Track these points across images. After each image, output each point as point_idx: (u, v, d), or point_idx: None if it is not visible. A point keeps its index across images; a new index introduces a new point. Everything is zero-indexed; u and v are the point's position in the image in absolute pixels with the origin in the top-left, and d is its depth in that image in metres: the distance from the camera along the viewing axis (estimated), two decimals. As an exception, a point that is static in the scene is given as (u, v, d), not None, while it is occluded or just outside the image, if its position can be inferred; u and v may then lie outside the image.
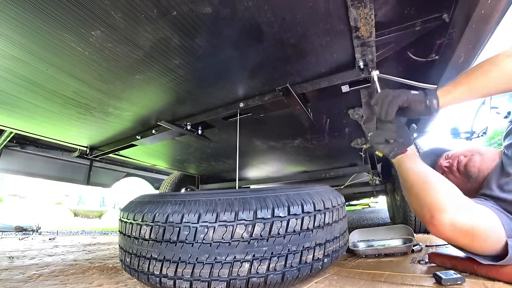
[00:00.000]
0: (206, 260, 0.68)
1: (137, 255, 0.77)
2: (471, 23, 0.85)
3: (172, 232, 0.71)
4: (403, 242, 1.40)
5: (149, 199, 0.85)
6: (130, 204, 0.90)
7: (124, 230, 0.84)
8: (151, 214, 0.75)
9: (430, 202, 0.78)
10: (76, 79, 1.09)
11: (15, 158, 2.84)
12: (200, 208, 0.72)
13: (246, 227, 0.70)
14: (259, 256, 0.70)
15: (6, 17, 0.75)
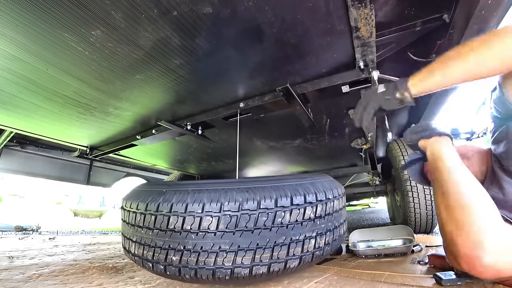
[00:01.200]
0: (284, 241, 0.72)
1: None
2: (471, 24, 0.85)
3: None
4: (403, 243, 1.39)
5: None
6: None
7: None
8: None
9: (470, 230, 0.61)
10: (76, 78, 1.09)
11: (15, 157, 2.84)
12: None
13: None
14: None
15: (7, 17, 0.75)
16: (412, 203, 1.98)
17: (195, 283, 0.85)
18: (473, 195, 0.66)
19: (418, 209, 1.98)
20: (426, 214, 1.98)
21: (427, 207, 1.97)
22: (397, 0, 0.94)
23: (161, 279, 0.96)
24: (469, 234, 0.60)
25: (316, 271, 1.06)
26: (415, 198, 1.98)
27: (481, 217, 0.61)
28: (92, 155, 2.15)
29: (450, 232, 0.65)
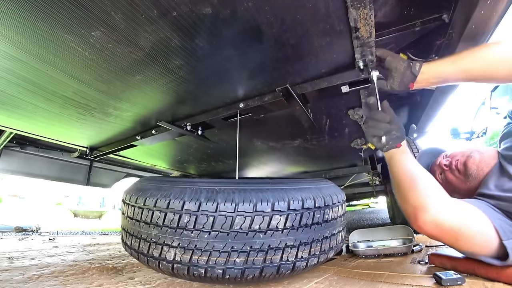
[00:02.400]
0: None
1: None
2: (470, 24, 0.85)
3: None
4: (403, 243, 1.40)
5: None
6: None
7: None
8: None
9: (414, 200, 0.80)
10: (76, 79, 1.09)
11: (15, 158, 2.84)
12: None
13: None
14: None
15: (6, 17, 0.75)
16: (412, 203, 1.98)
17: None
18: (419, 178, 0.83)
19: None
20: (426, 214, 1.98)
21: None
22: (396, 1, 0.94)
23: (161, 280, 0.96)
24: (413, 202, 0.80)
25: (316, 271, 1.06)
26: (415, 198, 1.98)
27: (423, 190, 0.80)
28: (92, 155, 2.14)
29: (404, 207, 0.85)
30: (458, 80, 0.83)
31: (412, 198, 0.80)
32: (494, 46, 0.77)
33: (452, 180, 1.03)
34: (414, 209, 0.79)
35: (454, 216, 0.74)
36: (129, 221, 0.86)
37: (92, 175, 3.53)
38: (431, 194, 0.79)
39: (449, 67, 0.81)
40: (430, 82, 0.86)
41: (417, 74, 0.85)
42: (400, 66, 0.87)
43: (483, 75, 0.78)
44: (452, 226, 0.74)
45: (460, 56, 0.80)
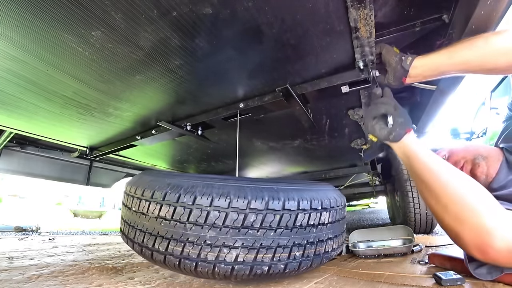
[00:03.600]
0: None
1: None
2: (470, 24, 0.85)
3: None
4: (403, 243, 1.39)
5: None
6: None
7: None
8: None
9: (472, 221, 0.59)
10: (77, 79, 1.09)
11: (15, 158, 2.84)
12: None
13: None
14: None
15: (6, 17, 0.76)
16: (412, 203, 1.98)
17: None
18: (462, 184, 0.65)
19: (418, 209, 1.99)
20: (426, 214, 1.98)
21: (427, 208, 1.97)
22: (396, 1, 0.94)
23: (160, 280, 0.96)
24: (472, 224, 0.59)
25: (316, 272, 1.06)
26: (415, 198, 1.98)
27: (479, 205, 0.60)
28: (92, 155, 2.15)
29: (452, 227, 0.64)
30: (455, 72, 0.79)
31: (465, 216, 0.60)
32: (493, 37, 0.73)
33: None
34: (476, 233, 0.58)
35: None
36: (169, 223, 0.74)
37: (92, 175, 3.53)
38: (491, 208, 0.59)
39: (445, 60, 0.77)
40: (425, 76, 0.82)
41: (408, 69, 0.81)
42: (392, 60, 0.85)
43: (481, 66, 0.74)
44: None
45: (457, 47, 0.76)
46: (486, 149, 0.93)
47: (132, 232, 0.82)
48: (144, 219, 0.78)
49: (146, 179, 0.86)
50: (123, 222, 0.90)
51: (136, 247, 0.82)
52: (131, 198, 0.85)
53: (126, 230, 0.86)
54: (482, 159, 0.89)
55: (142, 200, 0.80)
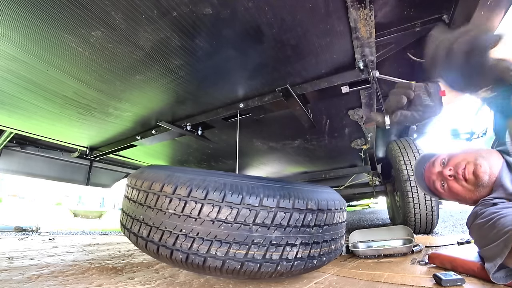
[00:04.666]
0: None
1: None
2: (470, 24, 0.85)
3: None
4: (403, 243, 1.39)
5: None
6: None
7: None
8: None
9: None
10: (77, 79, 1.09)
11: (15, 158, 2.84)
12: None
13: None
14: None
15: (7, 17, 0.76)
16: (412, 204, 1.98)
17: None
18: None
19: (418, 209, 1.98)
20: (426, 214, 1.98)
21: (427, 208, 1.97)
22: (396, 1, 0.94)
23: (160, 280, 0.96)
24: None
25: (316, 272, 1.06)
26: (415, 199, 1.98)
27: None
28: (92, 155, 2.15)
29: None
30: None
31: None
32: None
33: (458, 190, 0.93)
34: None
35: None
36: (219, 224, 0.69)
37: (92, 175, 3.53)
38: None
39: None
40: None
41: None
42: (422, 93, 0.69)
43: None
44: None
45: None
46: (486, 150, 0.93)
47: (183, 240, 0.71)
48: (195, 223, 0.70)
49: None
50: (157, 229, 0.74)
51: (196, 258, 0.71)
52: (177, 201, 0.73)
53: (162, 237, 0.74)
54: (483, 159, 0.88)
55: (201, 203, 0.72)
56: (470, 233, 0.91)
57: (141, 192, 0.79)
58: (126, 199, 0.90)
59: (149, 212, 0.75)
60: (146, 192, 0.78)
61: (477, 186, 0.89)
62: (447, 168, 0.95)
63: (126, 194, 0.90)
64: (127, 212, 0.86)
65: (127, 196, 0.88)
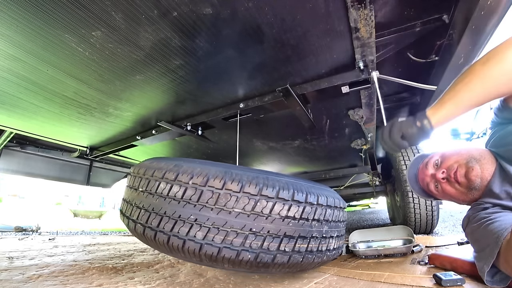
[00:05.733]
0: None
1: None
2: (470, 24, 0.85)
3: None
4: (403, 243, 1.39)
5: None
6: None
7: None
8: None
9: None
10: (77, 79, 1.09)
11: (15, 158, 2.84)
12: None
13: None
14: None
15: (7, 17, 0.76)
16: (412, 204, 1.98)
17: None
18: None
19: (418, 209, 1.98)
20: (426, 214, 1.98)
21: (427, 208, 1.97)
22: (396, 1, 0.94)
23: (160, 280, 0.96)
24: None
25: (316, 272, 1.06)
26: (415, 199, 1.98)
27: None
28: (92, 155, 2.15)
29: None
30: (468, 110, 0.75)
31: None
32: (478, 65, 0.69)
33: (451, 192, 0.93)
34: None
35: None
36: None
37: (92, 175, 3.53)
38: None
39: (451, 109, 0.73)
40: (441, 125, 0.77)
41: (432, 129, 0.76)
42: (411, 130, 0.78)
43: (488, 96, 0.70)
44: None
45: (455, 91, 0.72)
46: (479, 151, 0.91)
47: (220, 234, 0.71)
48: (261, 221, 0.72)
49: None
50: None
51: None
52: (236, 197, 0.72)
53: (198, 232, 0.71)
54: (476, 162, 0.87)
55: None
56: (466, 236, 0.92)
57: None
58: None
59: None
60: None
61: (469, 189, 0.88)
62: (440, 170, 0.94)
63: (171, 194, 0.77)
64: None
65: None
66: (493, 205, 0.83)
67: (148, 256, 1.49)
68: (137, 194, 0.84)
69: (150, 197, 0.79)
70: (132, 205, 0.84)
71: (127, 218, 0.85)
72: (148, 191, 0.80)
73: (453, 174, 0.90)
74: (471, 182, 0.86)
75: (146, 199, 0.79)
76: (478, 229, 0.78)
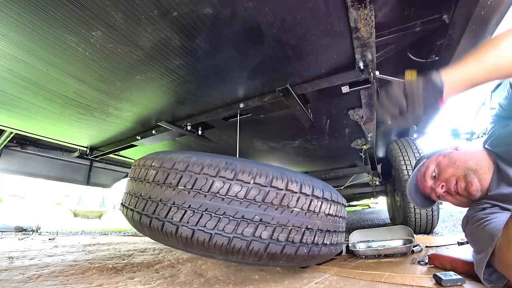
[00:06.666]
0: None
1: None
2: (470, 24, 0.85)
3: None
4: (403, 243, 1.39)
5: None
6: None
7: None
8: None
9: None
10: (77, 79, 1.09)
11: (15, 158, 2.84)
12: None
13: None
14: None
15: (7, 17, 0.76)
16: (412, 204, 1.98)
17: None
18: None
19: (418, 209, 1.98)
20: (426, 214, 1.98)
21: (427, 208, 1.96)
22: (396, 1, 0.94)
23: (160, 280, 0.96)
24: None
25: (316, 272, 1.06)
26: (415, 199, 1.97)
27: None
28: (92, 155, 2.15)
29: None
30: (489, 80, 0.65)
31: None
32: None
33: (452, 201, 0.95)
34: None
35: None
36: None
37: (92, 175, 3.54)
38: None
39: (475, 69, 0.63)
40: (456, 91, 0.67)
41: (442, 84, 0.65)
42: (415, 87, 0.66)
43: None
44: None
45: (483, 52, 0.63)
46: (474, 159, 0.89)
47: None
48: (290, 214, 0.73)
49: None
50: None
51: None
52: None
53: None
54: (473, 174, 0.86)
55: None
56: (465, 237, 0.93)
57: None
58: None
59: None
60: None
61: (470, 199, 0.89)
62: (439, 185, 0.93)
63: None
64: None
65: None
66: (492, 205, 0.83)
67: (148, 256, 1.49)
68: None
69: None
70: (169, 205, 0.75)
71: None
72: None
73: (453, 188, 0.89)
74: (472, 196, 0.87)
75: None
76: (476, 229, 0.79)
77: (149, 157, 0.84)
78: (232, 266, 1.15)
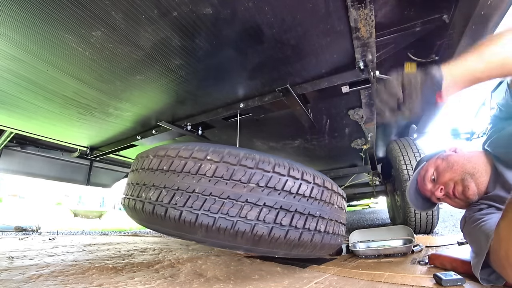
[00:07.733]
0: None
1: None
2: (470, 24, 0.85)
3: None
4: (403, 243, 1.39)
5: None
6: None
7: None
8: None
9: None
10: (77, 79, 1.09)
11: (15, 158, 2.84)
12: None
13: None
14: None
15: (7, 17, 0.76)
16: (412, 204, 1.98)
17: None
18: None
19: (418, 209, 1.98)
20: (426, 214, 1.98)
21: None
22: (396, 1, 0.94)
23: (161, 280, 0.96)
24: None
25: (316, 272, 1.06)
26: (415, 199, 1.97)
27: None
28: (92, 155, 2.15)
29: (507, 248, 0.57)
30: (490, 77, 0.63)
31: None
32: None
33: (451, 204, 0.97)
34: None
35: None
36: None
37: (92, 175, 3.54)
38: None
39: (476, 64, 0.62)
40: (456, 87, 0.65)
41: (442, 79, 0.63)
42: (413, 79, 0.65)
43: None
44: None
45: (485, 47, 0.61)
46: (471, 162, 0.90)
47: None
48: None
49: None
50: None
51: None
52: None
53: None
54: (470, 178, 0.87)
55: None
56: (464, 237, 0.94)
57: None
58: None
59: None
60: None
61: (468, 203, 0.91)
62: (437, 187, 0.95)
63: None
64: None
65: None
66: (488, 206, 0.84)
67: (148, 256, 1.49)
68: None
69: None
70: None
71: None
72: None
73: (451, 191, 0.91)
74: (469, 199, 0.89)
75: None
76: (474, 230, 0.79)
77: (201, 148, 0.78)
78: (232, 266, 1.15)
